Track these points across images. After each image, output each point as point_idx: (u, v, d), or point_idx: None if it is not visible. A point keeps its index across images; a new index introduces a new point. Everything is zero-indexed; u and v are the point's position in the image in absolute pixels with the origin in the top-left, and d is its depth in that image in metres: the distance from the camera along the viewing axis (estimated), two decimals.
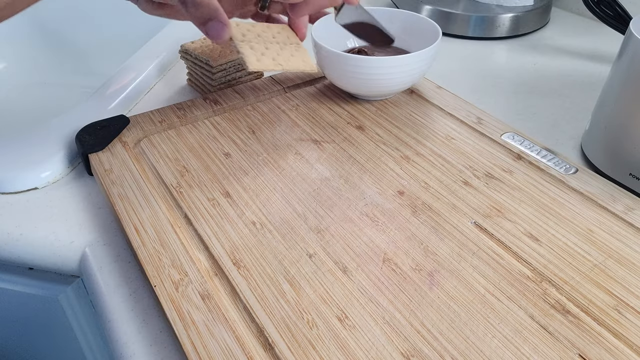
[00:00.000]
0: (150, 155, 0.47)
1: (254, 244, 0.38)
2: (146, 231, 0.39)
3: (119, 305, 0.37)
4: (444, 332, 0.32)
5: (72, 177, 0.48)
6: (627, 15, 0.64)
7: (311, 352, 0.31)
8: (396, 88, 0.53)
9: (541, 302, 0.34)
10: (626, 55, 0.43)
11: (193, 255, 0.37)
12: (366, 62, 0.49)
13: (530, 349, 0.31)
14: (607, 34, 0.75)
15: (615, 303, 0.34)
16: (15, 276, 0.46)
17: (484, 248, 0.38)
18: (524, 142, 0.48)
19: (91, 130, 0.49)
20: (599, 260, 0.37)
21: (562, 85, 0.63)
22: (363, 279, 0.35)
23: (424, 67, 0.51)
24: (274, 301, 0.34)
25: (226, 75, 0.57)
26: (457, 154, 0.47)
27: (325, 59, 0.52)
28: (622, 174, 0.45)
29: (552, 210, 0.41)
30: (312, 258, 0.37)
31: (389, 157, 0.47)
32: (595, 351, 0.31)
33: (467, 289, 0.35)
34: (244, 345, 0.31)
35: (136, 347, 0.34)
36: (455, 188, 0.43)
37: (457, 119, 0.52)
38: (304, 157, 0.47)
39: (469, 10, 0.73)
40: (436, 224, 0.40)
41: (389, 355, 0.31)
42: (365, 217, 0.40)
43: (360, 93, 0.54)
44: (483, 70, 0.66)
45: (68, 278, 0.44)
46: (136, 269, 0.39)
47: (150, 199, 0.42)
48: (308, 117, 0.52)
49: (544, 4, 0.76)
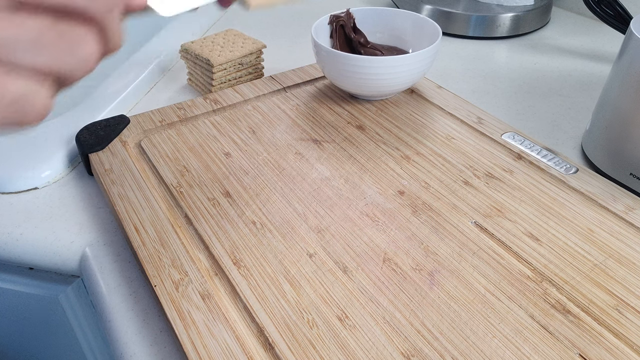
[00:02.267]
0: (151, 155, 0.47)
1: (254, 244, 0.38)
2: (146, 231, 0.39)
3: (119, 305, 0.37)
4: (444, 332, 0.32)
5: (72, 177, 0.48)
6: (627, 15, 0.63)
7: (311, 351, 0.31)
8: (396, 88, 0.52)
9: (541, 302, 0.34)
10: (627, 55, 0.43)
11: (193, 255, 0.37)
12: (366, 62, 0.49)
13: (530, 348, 0.31)
14: (607, 34, 0.75)
15: (616, 303, 0.34)
16: (16, 276, 0.46)
17: (485, 248, 0.38)
18: (525, 141, 0.48)
19: (91, 130, 0.49)
20: (600, 260, 0.37)
21: (563, 85, 0.63)
22: (363, 278, 0.35)
23: (424, 67, 0.51)
24: (274, 301, 0.34)
25: (226, 75, 0.57)
26: (458, 153, 0.47)
27: (325, 59, 0.52)
28: (622, 173, 0.45)
29: (553, 210, 0.41)
30: (313, 258, 0.37)
31: (389, 157, 0.47)
32: (596, 351, 0.31)
33: (468, 289, 0.35)
34: (244, 345, 0.31)
35: (136, 347, 0.34)
36: (455, 188, 0.43)
37: (457, 118, 0.52)
38: (304, 156, 0.47)
39: (470, 10, 0.73)
40: (436, 223, 0.40)
41: (389, 355, 0.31)
42: (366, 216, 0.40)
43: (360, 93, 0.54)
44: (483, 70, 0.66)
45: (68, 278, 0.44)
46: (136, 269, 0.39)
47: (151, 198, 0.42)
48: (308, 117, 0.52)
49: (545, 3, 0.76)
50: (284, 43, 0.72)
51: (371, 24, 0.58)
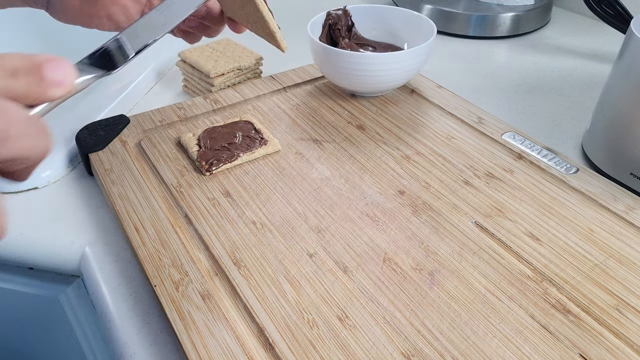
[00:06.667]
0: (151, 155, 0.47)
1: (254, 244, 0.38)
2: (146, 231, 0.39)
3: (119, 305, 0.37)
4: (444, 332, 0.32)
5: (72, 176, 0.48)
6: (627, 15, 0.63)
7: (311, 351, 0.31)
8: (391, 84, 0.53)
9: (542, 302, 0.34)
10: (627, 55, 0.43)
11: (193, 254, 0.37)
12: (361, 59, 0.50)
13: (530, 348, 0.31)
14: (607, 34, 0.75)
15: (616, 303, 0.34)
16: (16, 276, 0.46)
17: (485, 248, 0.38)
18: (525, 141, 0.48)
19: (91, 130, 0.49)
20: (600, 259, 0.37)
21: (563, 85, 0.63)
22: (363, 278, 0.35)
23: (418, 63, 0.52)
24: (274, 301, 0.34)
25: (225, 82, 0.57)
26: (458, 153, 0.47)
27: (321, 56, 0.52)
28: (623, 173, 0.45)
29: (553, 210, 0.41)
30: (313, 258, 0.37)
31: (389, 157, 0.47)
32: (596, 351, 0.31)
33: (468, 289, 0.35)
34: (245, 345, 0.31)
35: (136, 346, 0.34)
36: (455, 188, 0.43)
37: (457, 118, 0.52)
38: (305, 156, 0.47)
39: (470, 10, 0.73)
40: (437, 223, 0.40)
41: (389, 354, 0.31)
42: (366, 216, 0.40)
43: (355, 89, 0.54)
44: (484, 70, 0.66)
45: (68, 278, 0.44)
46: (136, 269, 0.39)
47: (151, 198, 0.42)
48: (308, 117, 0.52)
49: (545, 3, 0.76)
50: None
51: (367, 21, 0.58)
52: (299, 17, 0.81)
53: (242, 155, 0.45)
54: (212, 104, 0.53)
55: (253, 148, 0.46)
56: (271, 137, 0.48)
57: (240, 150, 0.46)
